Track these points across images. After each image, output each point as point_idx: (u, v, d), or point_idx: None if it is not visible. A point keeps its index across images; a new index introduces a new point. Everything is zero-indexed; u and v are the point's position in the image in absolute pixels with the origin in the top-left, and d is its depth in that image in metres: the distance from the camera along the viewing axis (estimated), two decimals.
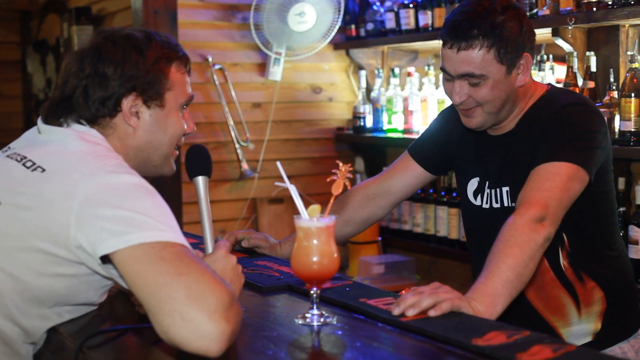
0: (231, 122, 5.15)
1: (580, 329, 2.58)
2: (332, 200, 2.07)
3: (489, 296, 2.09)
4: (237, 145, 5.15)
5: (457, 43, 2.47)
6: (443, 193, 4.81)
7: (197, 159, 2.30)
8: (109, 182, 1.86)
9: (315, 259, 1.97)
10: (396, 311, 2.00)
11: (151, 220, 1.80)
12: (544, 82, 3.93)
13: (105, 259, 1.84)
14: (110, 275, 1.91)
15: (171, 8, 4.96)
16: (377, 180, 2.93)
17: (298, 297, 2.25)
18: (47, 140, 2.07)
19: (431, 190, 4.89)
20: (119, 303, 2.19)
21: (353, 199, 2.91)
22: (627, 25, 3.77)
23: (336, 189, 2.05)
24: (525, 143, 2.55)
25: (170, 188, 4.91)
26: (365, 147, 5.52)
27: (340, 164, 2.05)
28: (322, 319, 1.99)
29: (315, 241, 1.97)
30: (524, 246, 2.19)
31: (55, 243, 1.87)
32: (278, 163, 2.19)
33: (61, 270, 1.91)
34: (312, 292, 2.01)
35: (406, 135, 4.96)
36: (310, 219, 1.99)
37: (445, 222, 4.77)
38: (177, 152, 2.26)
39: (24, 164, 1.98)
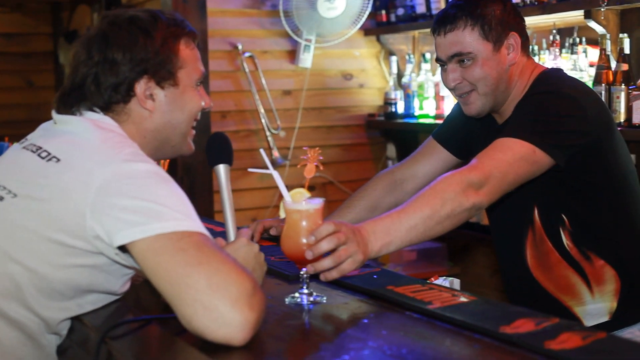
0: (262, 110, 5.13)
1: (595, 307, 2.57)
2: (307, 183, 2.22)
3: (389, 235, 2.14)
4: (267, 133, 5.14)
5: (444, 27, 2.60)
6: None
7: (218, 147, 2.27)
8: (123, 171, 1.85)
9: (304, 240, 2.01)
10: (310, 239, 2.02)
11: (168, 210, 1.79)
12: (576, 66, 3.93)
13: (124, 248, 1.82)
14: (130, 264, 1.90)
15: None
16: (403, 166, 2.96)
17: (324, 285, 2.23)
18: (62, 131, 2.05)
19: None
20: (144, 293, 2.17)
21: (381, 185, 2.92)
22: None
23: (308, 173, 2.19)
24: None
25: (202, 176, 4.92)
26: (396, 134, 5.49)
27: (308, 149, 2.18)
28: (311, 298, 2.04)
29: (303, 223, 2.02)
30: (447, 202, 2.21)
31: (70, 234, 1.86)
32: (261, 150, 2.25)
33: (79, 261, 1.90)
34: (302, 272, 2.05)
35: (438, 121, 4.92)
36: (297, 203, 2.04)
37: None
38: (194, 132, 2.23)
39: (39, 155, 1.97)
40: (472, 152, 2.84)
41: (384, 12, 5.40)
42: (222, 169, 2.24)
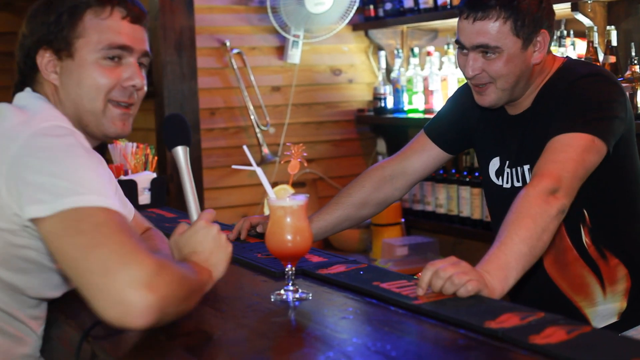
0: (251, 107, 5.12)
1: (605, 309, 2.53)
2: (291, 180, 2.28)
3: (502, 270, 2.06)
4: (257, 130, 5.13)
5: (474, 13, 2.43)
6: (465, 173, 4.76)
7: (173, 129, 2.20)
8: (33, 144, 1.78)
9: (288, 237, 2.01)
10: (420, 292, 1.98)
11: (70, 184, 1.71)
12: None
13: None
14: None
15: None
16: (394, 161, 2.87)
17: (311, 282, 2.22)
18: None
19: (453, 171, 4.84)
20: None
21: (369, 181, 2.86)
22: None
23: (292, 169, 2.23)
24: (542, 119, 2.49)
25: (193, 174, 4.88)
26: (386, 129, 5.48)
27: (292, 145, 2.20)
28: (297, 295, 2.04)
29: (287, 220, 2.02)
30: (537, 218, 2.15)
31: None
32: (244, 147, 2.20)
33: (11, 241, 1.85)
34: (287, 269, 2.05)
35: (427, 115, 4.91)
36: (281, 199, 2.04)
37: (468, 203, 4.73)
38: (120, 111, 2.06)
39: None
40: (474, 145, 2.79)
41: (372, 6, 5.39)
42: (180, 150, 2.17)
